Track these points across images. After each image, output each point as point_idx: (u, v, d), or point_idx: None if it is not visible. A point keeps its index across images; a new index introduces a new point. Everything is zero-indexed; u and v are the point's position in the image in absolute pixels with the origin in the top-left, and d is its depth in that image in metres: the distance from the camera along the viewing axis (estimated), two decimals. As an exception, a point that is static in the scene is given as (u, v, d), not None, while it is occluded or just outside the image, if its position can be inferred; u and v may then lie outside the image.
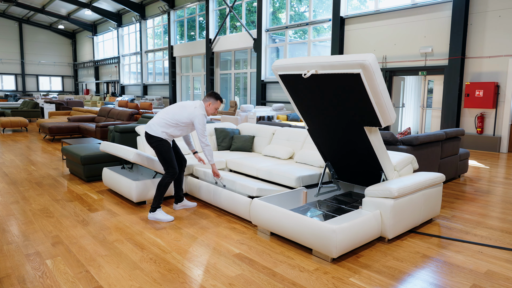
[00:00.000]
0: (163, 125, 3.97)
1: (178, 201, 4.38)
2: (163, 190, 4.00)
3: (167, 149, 3.97)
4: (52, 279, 2.75)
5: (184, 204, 4.40)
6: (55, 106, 14.89)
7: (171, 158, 3.99)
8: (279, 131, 5.71)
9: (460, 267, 3.02)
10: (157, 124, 3.98)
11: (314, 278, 2.80)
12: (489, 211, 4.48)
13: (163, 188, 4.00)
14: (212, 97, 4.10)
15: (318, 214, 3.68)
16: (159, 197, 4.01)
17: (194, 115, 3.94)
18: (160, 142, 3.95)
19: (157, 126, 3.98)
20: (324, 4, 13.36)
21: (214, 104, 4.11)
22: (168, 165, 3.98)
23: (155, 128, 3.97)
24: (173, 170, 3.99)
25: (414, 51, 10.59)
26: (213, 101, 4.09)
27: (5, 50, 29.26)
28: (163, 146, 3.95)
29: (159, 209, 4.02)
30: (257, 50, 15.19)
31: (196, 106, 3.98)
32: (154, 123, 4.00)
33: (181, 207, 4.38)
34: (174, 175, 4.00)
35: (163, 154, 3.96)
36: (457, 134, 5.93)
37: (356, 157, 3.82)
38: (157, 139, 3.96)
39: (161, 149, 3.95)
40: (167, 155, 3.97)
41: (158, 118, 4.01)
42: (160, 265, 2.98)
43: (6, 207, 4.39)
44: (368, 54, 2.95)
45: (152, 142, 3.98)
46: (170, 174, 3.99)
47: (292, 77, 3.56)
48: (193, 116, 3.94)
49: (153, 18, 22.41)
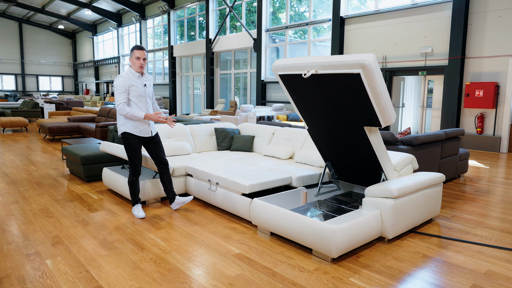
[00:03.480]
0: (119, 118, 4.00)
1: (172, 201, 4.32)
2: (130, 188, 4.12)
3: (130, 147, 3.98)
4: (52, 279, 2.75)
5: (178, 202, 4.31)
6: (55, 106, 14.89)
7: (132, 156, 4.00)
8: (279, 131, 5.70)
9: (460, 267, 3.02)
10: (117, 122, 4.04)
11: (314, 278, 2.80)
12: (489, 211, 4.48)
13: (130, 187, 4.11)
14: (130, 51, 3.96)
15: (318, 214, 3.68)
16: (131, 195, 4.15)
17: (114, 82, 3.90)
18: (124, 139, 3.98)
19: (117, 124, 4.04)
20: (324, 4, 13.36)
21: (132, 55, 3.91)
22: (130, 162, 4.03)
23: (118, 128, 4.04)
24: (133, 169, 4.02)
25: (414, 51, 10.59)
26: (131, 54, 3.93)
27: (5, 50, 29.26)
28: (126, 144, 3.98)
29: (137, 205, 4.17)
30: (257, 50, 15.19)
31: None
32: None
33: (177, 206, 4.32)
34: (134, 174, 4.03)
35: (127, 152, 4.02)
36: (457, 134, 5.93)
37: (356, 157, 3.82)
38: (122, 137, 4.01)
39: (125, 148, 4.01)
40: (130, 153, 4.00)
41: None
42: (160, 265, 2.98)
43: (6, 207, 4.39)
44: (368, 54, 2.95)
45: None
46: (131, 173, 4.04)
47: (292, 77, 3.56)
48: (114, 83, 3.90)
49: (153, 18, 22.40)
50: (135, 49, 3.91)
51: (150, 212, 4.26)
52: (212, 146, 5.98)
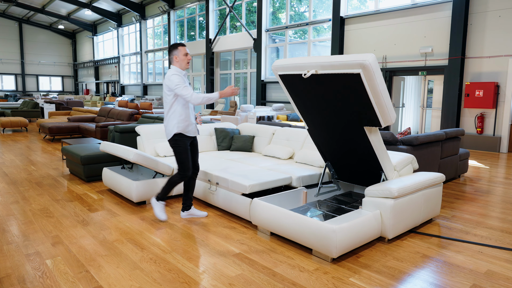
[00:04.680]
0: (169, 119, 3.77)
1: (185, 209, 4.07)
2: (168, 186, 3.88)
3: (182, 149, 3.79)
4: (52, 279, 2.75)
5: (192, 213, 4.09)
6: (55, 106, 14.89)
7: (184, 159, 3.81)
8: (279, 131, 5.70)
9: (460, 267, 3.02)
10: (166, 124, 3.82)
11: (314, 278, 2.80)
12: (489, 211, 4.48)
13: (169, 185, 3.88)
14: (172, 50, 3.76)
15: (318, 214, 3.68)
16: (166, 191, 3.91)
17: (169, 81, 3.63)
18: (175, 141, 3.78)
19: (167, 126, 3.82)
20: (324, 4, 13.36)
21: (179, 53, 3.74)
22: (180, 166, 3.82)
23: (167, 130, 3.82)
24: (184, 173, 3.82)
25: (414, 51, 10.59)
26: (175, 52, 3.75)
27: (5, 50, 29.26)
28: (178, 146, 3.78)
29: (161, 202, 3.95)
30: (257, 50, 15.19)
31: (168, 73, 3.69)
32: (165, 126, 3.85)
33: (188, 216, 4.07)
34: (183, 178, 3.85)
35: (176, 155, 3.81)
36: (457, 134, 5.93)
37: (356, 157, 3.82)
38: (172, 139, 3.79)
39: (175, 149, 3.80)
40: (180, 156, 3.80)
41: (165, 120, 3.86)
42: (160, 265, 2.98)
43: (6, 207, 4.39)
44: (368, 54, 2.95)
45: (170, 144, 3.84)
46: (181, 175, 3.84)
47: (292, 77, 3.56)
48: (170, 82, 3.63)
49: (153, 18, 22.40)
50: (179, 46, 3.75)
51: (150, 212, 4.26)
52: (212, 146, 5.98)
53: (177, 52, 3.74)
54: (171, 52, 3.76)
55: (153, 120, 7.26)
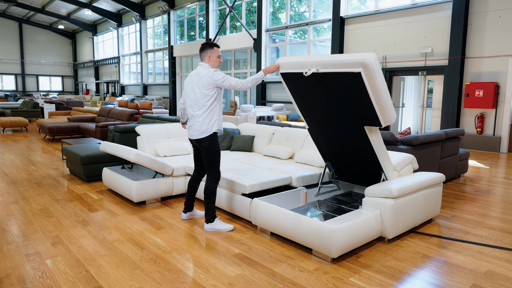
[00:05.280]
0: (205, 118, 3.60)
1: (187, 210, 4.02)
2: (213, 197, 3.70)
3: (217, 149, 3.66)
4: (52, 279, 2.75)
5: (194, 213, 4.07)
6: (55, 106, 14.89)
7: (218, 159, 3.69)
8: (279, 131, 5.70)
9: (460, 267, 3.02)
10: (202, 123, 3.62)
11: (314, 278, 2.80)
12: (489, 211, 4.48)
13: (213, 195, 3.70)
14: (207, 49, 3.68)
15: (318, 214, 3.68)
16: (212, 205, 3.71)
17: (214, 77, 3.54)
18: (211, 141, 3.63)
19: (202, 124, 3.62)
20: (324, 4, 13.36)
21: (214, 53, 3.68)
22: (214, 167, 3.69)
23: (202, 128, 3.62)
24: (217, 174, 3.71)
25: (414, 51, 10.58)
26: (210, 51, 3.68)
27: (5, 50, 29.25)
28: (214, 146, 3.64)
29: (216, 219, 3.75)
30: (257, 50, 15.19)
31: (205, 71, 3.59)
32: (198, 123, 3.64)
33: (189, 217, 4.05)
34: (218, 179, 3.73)
35: (212, 155, 3.64)
36: (457, 134, 5.92)
37: (356, 157, 3.82)
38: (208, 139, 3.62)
39: (211, 150, 3.62)
40: (216, 156, 3.66)
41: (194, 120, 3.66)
42: (160, 265, 2.98)
43: (6, 207, 4.39)
44: (369, 53, 2.95)
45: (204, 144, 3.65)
46: (215, 177, 3.70)
47: (294, 76, 3.56)
48: (214, 78, 3.54)
49: (153, 18, 22.40)
50: (215, 46, 3.69)
51: (150, 212, 4.25)
52: (212, 146, 5.97)
53: (212, 52, 3.69)
54: (206, 50, 3.69)
55: (153, 120, 7.26)
